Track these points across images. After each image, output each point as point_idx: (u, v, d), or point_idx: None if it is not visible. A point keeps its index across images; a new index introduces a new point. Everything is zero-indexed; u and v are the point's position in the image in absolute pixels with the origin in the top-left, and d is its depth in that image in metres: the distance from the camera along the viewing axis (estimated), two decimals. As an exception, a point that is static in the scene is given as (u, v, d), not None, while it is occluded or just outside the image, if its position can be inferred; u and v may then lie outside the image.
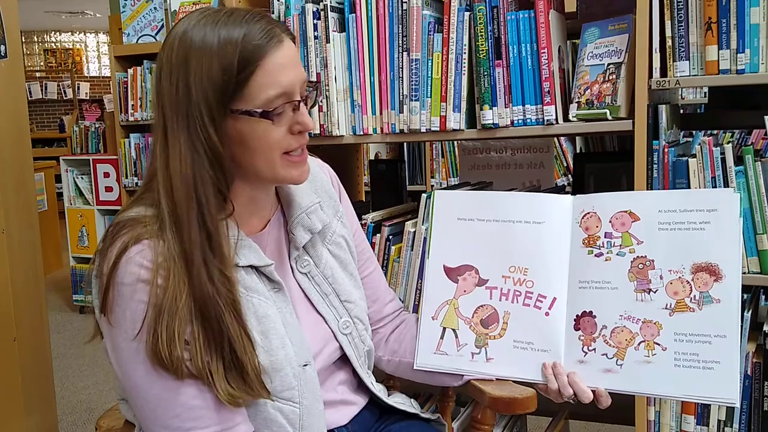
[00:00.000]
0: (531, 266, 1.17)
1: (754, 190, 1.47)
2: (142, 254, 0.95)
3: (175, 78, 0.96)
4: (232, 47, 0.95)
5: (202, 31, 0.96)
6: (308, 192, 1.18)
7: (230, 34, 0.95)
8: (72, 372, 3.56)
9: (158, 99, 0.99)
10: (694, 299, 1.07)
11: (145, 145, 4.07)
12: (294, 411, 1.04)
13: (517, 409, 1.18)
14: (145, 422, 1.00)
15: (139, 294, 0.94)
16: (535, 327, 1.15)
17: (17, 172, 2.21)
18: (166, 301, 0.92)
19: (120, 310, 0.95)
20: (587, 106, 1.62)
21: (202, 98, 0.95)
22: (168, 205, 0.97)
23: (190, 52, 0.95)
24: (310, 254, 1.17)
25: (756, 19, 1.45)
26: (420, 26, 1.69)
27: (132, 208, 1.01)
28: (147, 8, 3.94)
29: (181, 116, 0.96)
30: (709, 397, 1.06)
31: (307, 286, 1.16)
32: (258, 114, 0.97)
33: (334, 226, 1.22)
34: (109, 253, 0.96)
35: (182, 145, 0.96)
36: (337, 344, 1.18)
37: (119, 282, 0.95)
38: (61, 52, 11.85)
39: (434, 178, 4.16)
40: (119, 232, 0.97)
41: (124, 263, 0.95)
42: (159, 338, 0.92)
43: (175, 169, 0.96)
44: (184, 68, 0.95)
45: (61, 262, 5.85)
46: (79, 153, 4.99)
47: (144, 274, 0.94)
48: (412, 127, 1.74)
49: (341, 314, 1.18)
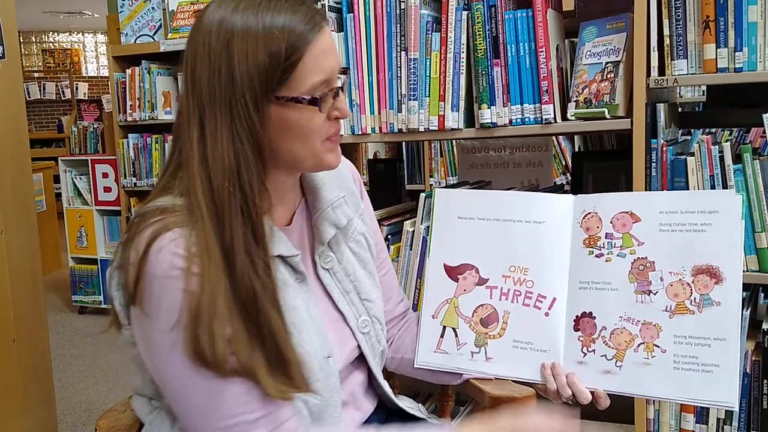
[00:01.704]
0: (531, 266, 1.17)
1: (752, 189, 1.47)
2: (176, 243, 0.90)
3: (216, 65, 0.93)
4: (278, 33, 0.92)
5: (245, 17, 0.93)
6: (333, 186, 1.15)
7: (275, 19, 0.93)
8: (71, 372, 3.56)
9: (192, 86, 0.95)
10: (695, 301, 1.07)
11: (144, 145, 4.07)
12: (316, 403, 1.02)
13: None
14: (186, 412, 0.95)
15: (175, 282, 0.89)
16: (535, 327, 1.15)
17: (15, 173, 2.21)
18: (204, 297, 0.88)
19: (155, 300, 0.91)
20: (585, 105, 1.62)
21: (247, 85, 0.92)
22: (206, 195, 0.93)
23: (232, 37, 0.92)
24: (333, 250, 1.15)
25: (754, 18, 1.45)
26: (418, 25, 1.69)
27: (157, 199, 0.97)
28: (145, 8, 3.94)
29: (224, 104, 0.93)
30: (708, 401, 1.06)
31: (329, 282, 1.14)
32: (306, 101, 0.95)
33: (356, 222, 1.19)
34: (136, 243, 0.92)
35: (224, 134, 0.93)
36: (356, 343, 1.16)
37: (152, 271, 0.90)
38: (59, 52, 11.83)
39: (433, 177, 4.16)
40: (147, 221, 0.93)
41: (156, 251, 0.90)
42: (199, 338, 0.88)
43: (216, 159, 0.93)
44: (226, 54, 0.92)
45: (60, 263, 5.84)
46: (78, 153, 4.98)
47: (178, 262, 0.90)
48: (411, 127, 1.73)
49: (360, 313, 1.17)
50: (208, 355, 0.88)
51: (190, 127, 0.95)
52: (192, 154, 0.94)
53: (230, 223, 0.92)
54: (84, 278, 4.59)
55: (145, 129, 4.09)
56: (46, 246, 4.78)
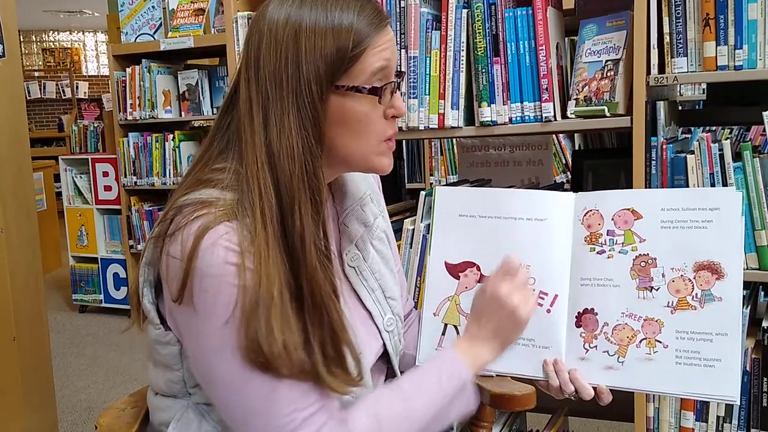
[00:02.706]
0: (533, 263, 1.17)
1: (752, 186, 1.47)
2: (227, 237, 0.89)
3: (283, 54, 0.93)
4: (347, 26, 0.94)
5: (313, 11, 0.94)
6: (360, 183, 1.16)
7: (343, 15, 0.94)
8: (72, 371, 3.56)
9: (256, 75, 0.95)
10: (696, 297, 1.07)
11: (144, 143, 4.07)
12: (350, 400, 1.00)
13: (517, 406, 1.18)
14: (235, 414, 0.93)
15: (229, 278, 0.88)
16: (537, 324, 1.15)
17: (16, 172, 2.21)
18: (261, 290, 0.87)
19: (209, 297, 0.88)
20: (585, 103, 1.62)
21: (313, 74, 0.93)
22: (271, 184, 0.91)
23: (300, 29, 0.93)
24: (359, 248, 1.14)
25: (754, 15, 1.45)
26: (418, 24, 1.69)
27: (195, 191, 0.95)
28: (145, 7, 3.95)
29: (290, 92, 0.93)
30: (710, 395, 1.06)
31: (355, 280, 1.13)
32: (366, 90, 0.96)
33: (379, 220, 1.19)
34: (182, 238, 0.89)
35: (291, 121, 0.92)
36: (381, 341, 1.16)
37: (203, 267, 0.88)
38: (60, 51, 11.84)
39: (433, 175, 4.16)
40: (189, 216, 0.91)
41: (207, 247, 0.88)
42: (256, 331, 0.86)
43: (282, 147, 0.92)
44: (294, 44, 0.93)
45: (61, 262, 5.84)
46: (78, 152, 4.99)
47: (232, 257, 0.88)
48: (411, 125, 1.74)
49: (386, 311, 1.16)
50: (264, 348, 0.86)
51: (252, 115, 0.95)
52: (254, 143, 0.93)
53: (300, 213, 0.91)
54: (84, 277, 4.59)
55: (146, 128, 4.09)
56: (47, 245, 4.78)
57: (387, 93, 1.00)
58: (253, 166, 0.93)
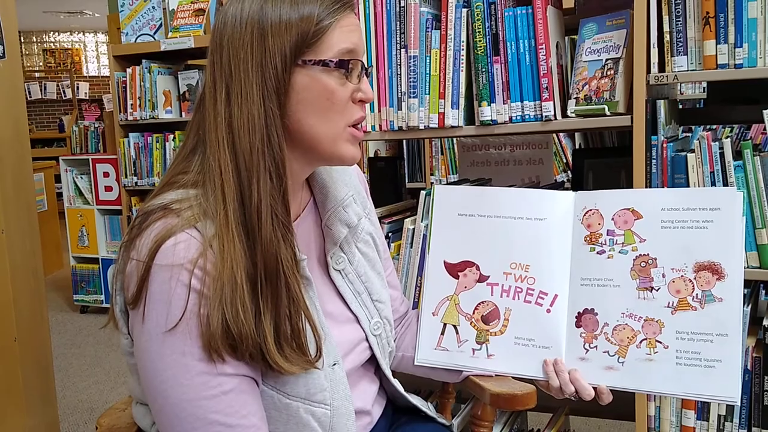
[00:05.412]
0: (532, 263, 1.16)
1: (753, 185, 1.47)
2: (185, 245, 0.88)
3: (248, 29, 0.93)
4: (311, 1, 0.94)
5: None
6: (342, 184, 1.14)
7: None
8: (73, 372, 3.57)
9: (220, 55, 0.95)
10: (696, 298, 1.07)
11: (144, 144, 4.07)
12: (325, 413, 1.00)
13: (517, 406, 1.18)
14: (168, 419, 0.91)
15: (179, 290, 0.87)
16: (537, 324, 1.15)
17: (17, 173, 2.21)
18: (224, 278, 0.86)
19: (157, 299, 0.88)
20: (585, 102, 1.62)
21: (278, 47, 0.92)
22: (230, 158, 0.91)
23: (265, 3, 0.93)
24: (344, 251, 1.13)
25: (754, 14, 1.45)
26: (418, 23, 1.69)
27: (161, 195, 0.95)
28: (145, 7, 3.94)
29: (254, 65, 0.92)
30: (710, 396, 1.06)
31: (341, 283, 1.12)
32: (333, 63, 0.95)
33: (363, 222, 1.17)
34: (138, 245, 0.89)
35: (254, 92, 0.92)
36: (367, 345, 1.15)
37: (155, 273, 0.87)
38: (60, 52, 11.84)
39: (434, 175, 4.16)
40: (152, 222, 0.90)
41: (161, 256, 0.87)
42: (225, 314, 0.86)
43: (243, 119, 0.91)
44: (259, 19, 0.93)
45: (62, 262, 5.85)
46: (79, 153, 5.00)
47: (187, 264, 0.87)
48: (411, 124, 1.73)
49: (373, 314, 1.15)
50: (234, 330, 0.86)
51: (216, 95, 0.94)
52: (217, 123, 0.93)
53: (257, 183, 0.90)
54: (85, 277, 4.60)
55: (146, 128, 4.09)
56: (48, 245, 4.78)
57: (354, 73, 0.99)
58: (214, 145, 0.92)
